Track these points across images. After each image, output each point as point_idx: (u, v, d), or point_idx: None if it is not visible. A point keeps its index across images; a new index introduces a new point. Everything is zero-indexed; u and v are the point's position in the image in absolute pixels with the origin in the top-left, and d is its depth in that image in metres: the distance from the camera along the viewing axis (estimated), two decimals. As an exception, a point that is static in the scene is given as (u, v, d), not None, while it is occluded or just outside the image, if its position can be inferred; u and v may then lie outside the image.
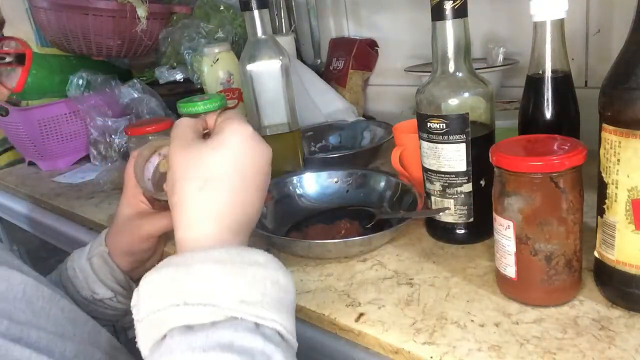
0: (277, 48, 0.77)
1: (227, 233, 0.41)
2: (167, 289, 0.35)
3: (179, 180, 0.42)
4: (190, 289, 0.34)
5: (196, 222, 0.40)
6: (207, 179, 0.41)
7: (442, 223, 0.60)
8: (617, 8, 0.79)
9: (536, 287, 0.46)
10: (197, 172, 0.41)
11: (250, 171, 0.43)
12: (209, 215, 0.40)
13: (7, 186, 1.08)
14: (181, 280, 0.35)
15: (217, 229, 0.40)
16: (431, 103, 0.56)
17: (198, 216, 0.41)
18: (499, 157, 0.45)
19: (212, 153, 0.42)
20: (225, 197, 0.41)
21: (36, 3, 1.03)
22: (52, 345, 0.42)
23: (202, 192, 0.41)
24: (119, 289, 0.61)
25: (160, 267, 0.36)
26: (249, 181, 0.42)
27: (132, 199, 0.61)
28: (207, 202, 0.41)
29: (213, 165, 0.41)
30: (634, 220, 0.41)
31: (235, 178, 0.42)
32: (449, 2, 0.52)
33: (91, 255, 0.61)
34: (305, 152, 0.94)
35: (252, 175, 0.43)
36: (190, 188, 0.41)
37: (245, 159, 0.42)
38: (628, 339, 0.41)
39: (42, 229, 0.97)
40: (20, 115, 1.07)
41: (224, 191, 0.41)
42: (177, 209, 0.41)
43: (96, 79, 1.08)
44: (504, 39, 0.93)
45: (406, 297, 0.51)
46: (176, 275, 0.35)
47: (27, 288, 0.46)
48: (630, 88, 0.39)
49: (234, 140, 0.42)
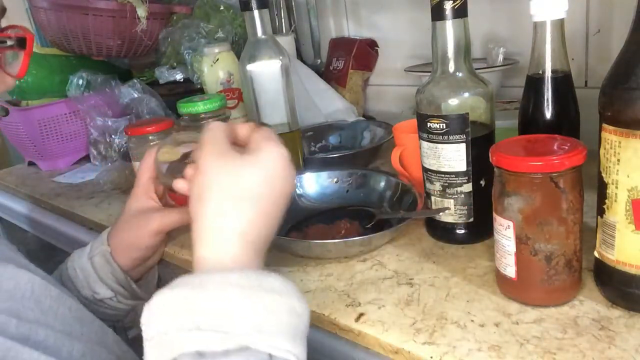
0: (277, 48, 0.77)
1: (247, 255, 0.39)
2: (179, 309, 0.34)
3: (210, 190, 0.40)
4: (204, 312, 0.33)
5: (219, 241, 0.39)
6: (241, 196, 0.40)
7: (442, 223, 0.59)
8: (617, 8, 0.79)
9: (536, 287, 0.46)
10: (231, 186, 0.40)
11: (279, 195, 0.42)
12: (233, 235, 0.39)
13: (7, 186, 1.08)
14: (195, 303, 0.34)
15: (238, 250, 0.39)
16: (431, 103, 0.56)
17: (222, 234, 0.39)
18: (499, 157, 0.45)
19: (250, 171, 0.41)
20: (253, 218, 0.40)
21: (36, 3, 1.03)
22: (60, 344, 0.43)
23: (232, 209, 0.39)
24: (119, 288, 0.61)
25: (174, 285, 0.35)
26: (275, 205, 0.42)
27: (143, 194, 0.61)
28: (235, 221, 0.39)
29: (249, 183, 0.40)
30: (634, 220, 0.41)
31: (266, 200, 0.41)
32: (449, 2, 0.52)
33: (92, 254, 0.61)
34: (305, 152, 0.94)
35: (279, 198, 0.42)
36: (221, 202, 0.39)
37: (277, 183, 0.42)
38: (628, 339, 0.41)
39: (42, 229, 0.97)
40: (20, 115, 1.07)
41: (253, 212, 0.40)
42: (201, 221, 0.40)
43: (96, 79, 1.08)
44: (504, 39, 0.93)
45: (406, 297, 0.51)
46: (190, 296, 0.34)
47: (35, 287, 0.47)
48: (630, 88, 0.39)
49: (272, 162, 0.41)
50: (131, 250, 0.60)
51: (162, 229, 0.60)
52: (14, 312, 0.42)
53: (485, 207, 0.51)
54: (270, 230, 0.42)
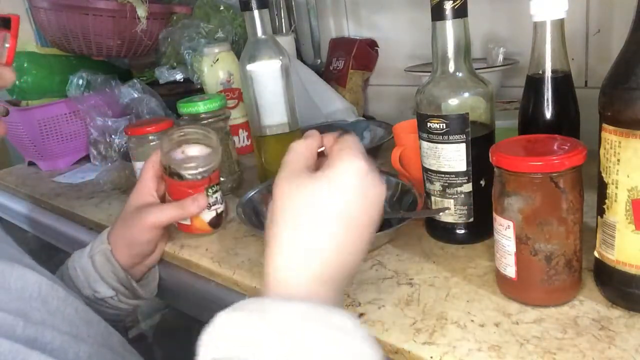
0: (277, 48, 0.77)
1: (317, 283, 0.35)
2: (238, 335, 0.31)
3: (278, 214, 0.37)
4: (261, 345, 0.30)
5: (286, 265, 0.36)
6: (307, 220, 0.36)
7: (442, 223, 0.59)
8: (617, 8, 0.79)
9: (536, 287, 0.46)
10: (297, 210, 0.37)
11: (358, 218, 0.37)
12: (300, 260, 0.36)
13: (7, 186, 1.08)
14: (255, 329, 0.31)
15: (306, 276, 0.35)
16: (431, 103, 0.56)
17: (289, 259, 0.36)
18: (499, 157, 0.45)
19: (317, 191, 0.37)
20: (324, 244, 0.36)
21: (36, 3, 1.03)
22: (67, 346, 0.43)
23: (298, 234, 0.36)
24: (120, 287, 0.61)
25: (236, 308, 0.32)
26: (354, 229, 0.37)
27: (144, 190, 0.63)
28: (302, 246, 0.36)
29: (316, 205, 0.36)
30: (634, 220, 0.41)
31: (338, 224, 0.36)
32: (449, 2, 0.52)
33: (93, 253, 0.61)
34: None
35: (358, 222, 0.37)
36: (287, 226, 0.37)
37: (353, 204, 0.37)
38: (628, 339, 0.41)
39: (42, 229, 0.97)
40: (20, 115, 1.07)
41: (323, 236, 0.36)
42: (271, 244, 0.37)
43: (96, 79, 1.08)
44: (504, 39, 0.93)
45: (406, 297, 0.51)
46: (252, 323, 0.31)
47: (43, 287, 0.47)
48: (630, 88, 0.39)
49: (344, 179, 0.37)
50: (130, 246, 0.61)
51: (157, 223, 0.61)
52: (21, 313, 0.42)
53: (485, 207, 0.51)
54: (348, 258, 0.37)
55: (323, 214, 0.36)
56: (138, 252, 0.62)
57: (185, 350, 0.35)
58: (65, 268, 0.63)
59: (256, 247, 0.65)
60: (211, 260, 0.63)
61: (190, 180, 0.62)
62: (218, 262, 0.63)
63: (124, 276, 0.61)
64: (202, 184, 0.63)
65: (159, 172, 0.64)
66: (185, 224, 0.66)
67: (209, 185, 0.63)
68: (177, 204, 0.62)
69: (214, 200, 0.65)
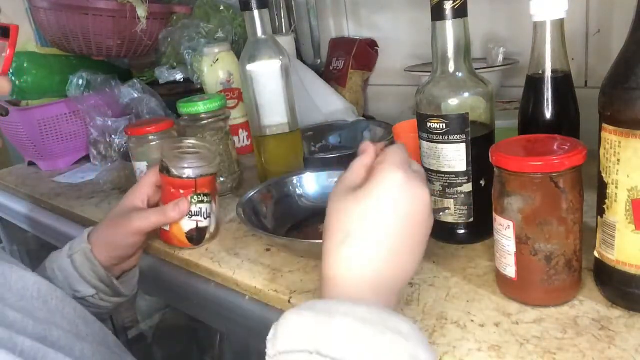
0: (277, 48, 0.77)
1: (371, 292, 0.37)
2: (304, 332, 0.33)
3: (332, 229, 0.39)
4: (326, 339, 0.32)
5: (334, 276, 0.38)
6: (347, 234, 0.38)
7: (442, 223, 0.59)
8: (617, 8, 0.79)
9: (536, 287, 0.46)
10: (339, 225, 0.39)
11: (400, 225, 0.38)
12: (347, 272, 0.38)
13: (7, 186, 1.08)
14: (320, 330, 0.33)
15: (362, 287, 0.37)
16: (431, 103, 0.56)
17: (337, 270, 0.38)
18: (499, 157, 0.45)
19: (354, 205, 0.39)
20: (375, 255, 0.37)
21: (36, 3, 1.03)
22: (72, 344, 0.43)
23: (342, 247, 0.38)
24: (100, 285, 0.61)
25: (302, 308, 0.34)
26: (399, 237, 0.38)
27: (136, 194, 0.64)
28: (347, 259, 0.38)
29: (353, 219, 0.38)
30: (634, 220, 0.41)
31: (380, 233, 0.38)
32: (449, 2, 0.52)
33: (72, 252, 0.61)
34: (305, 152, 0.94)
35: (402, 230, 0.38)
36: (332, 241, 0.39)
37: (391, 213, 0.38)
38: (628, 339, 0.41)
39: (42, 229, 0.97)
40: (20, 115, 1.07)
41: (366, 248, 0.37)
42: (325, 253, 0.39)
43: (96, 79, 1.08)
44: (504, 39, 0.93)
45: (406, 297, 0.51)
46: (316, 322, 0.33)
47: (42, 287, 0.47)
48: (630, 88, 0.39)
49: (379, 191, 0.38)
50: (110, 247, 0.61)
51: (140, 230, 0.61)
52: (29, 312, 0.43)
53: (485, 207, 0.51)
54: (397, 266, 0.38)
55: (359, 228, 0.38)
56: (118, 254, 0.62)
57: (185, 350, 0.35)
58: (42, 269, 0.63)
59: (256, 247, 0.65)
60: (211, 260, 0.63)
61: (176, 178, 0.62)
62: (218, 262, 0.63)
63: (104, 274, 0.61)
64: (188, 187, 0.62)
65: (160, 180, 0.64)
66: (164, 230, 0.65)
67: (195, 191, 0.63)
68: (159, 209, 0.62)
69: (197, 209, 0.63)
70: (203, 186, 0.63)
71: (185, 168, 0.62)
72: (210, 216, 0.66)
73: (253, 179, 0.88)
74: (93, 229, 0.64)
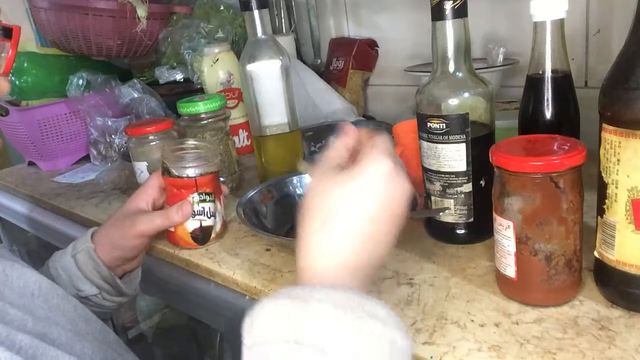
0: (277, 48, 0.77)
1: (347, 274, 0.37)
2: (280, 321, 0.33)
3: (305, 212, 0.40)
4: (304, 328, 0.32)
5: (314, 258, 0.38)
6: (326, 219, 0.38)
7: (442, 223, 0.59)
8: (617, 8, 0.79)
9: (536, 287, 0.46)
10: (320, 207, 0.39)
11: (383, 216, 0.39)
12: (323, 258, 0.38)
13: (7, 186, 1.08)
14: (297, 317, 0.33)
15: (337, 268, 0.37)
16: (431, 103, 0.56)
17: (316, 253, 0.38)
18: (499, 157, 0.45)
19: (337, 187, 0.39)
20: (352, 239, 0.38)
21: (36, 3, 1.03)
22: (72, 342, 0.43)
23: (320, 234, 0.38)
24: (103, 284, 0.61)
25: (277, 297, 0.34)
26: (379, 225, 0.39)
27: (142, 196, 0.64)
28: (326, 242, 0.38)
29: (335, 202, 0.38)
30: (634, 220, 0.41)
31: (364, 221, 0.38)
32: (449, 2, 0.52)
33: (75, 252, 0.61)
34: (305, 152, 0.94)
35: (383, 220, 0.39)
36: (311, 223, 0.39)
37: (379, 203, 0.38)
38: (628, 339, 0.41)
39: (42, 229, 0.97)
40: (20, 115, 1.07)
41: (345, 235, 0.38)
42: (301, 241, 0.39)
43: (96, 79, 1.08)
44: (504, 39, 0.93)
45: (406, 297, 0.51)
46: (293, 310, 0.33)
47: (43, 285, 0.47)
48: (630, 88, 0.39)
49: (371, 180, 0.38)
50: (114, 248, 0.61)
51: (144, 233, 0.61)
52: (28, 310, 0.43)
53: (485, 207, 0.51)
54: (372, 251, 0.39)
55: (352, 212, 0.38)
56: (120, 255, 0.62)
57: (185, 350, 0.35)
58: (45, 269, 0.63)
59: (256, 247, 0.65)
60: (211, 260, 0.63)
61: (177, 178, 0.62)
62: (218, 262, 0.63)
63: (108, 274, 0.61)
64: (189, 187, 0.62)
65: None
66: (170, 232, 0.65)
67: (196, 190, 0.63)
68: (163, 212, 0.63)
69: (199, 209, 0.64)
70: (204, 185, 0.63)
71: (184, 168, 0.62)
72: (215, 215, 0.66)
73: (253, 179, 0.88)
74: (97, 229, 0.64)
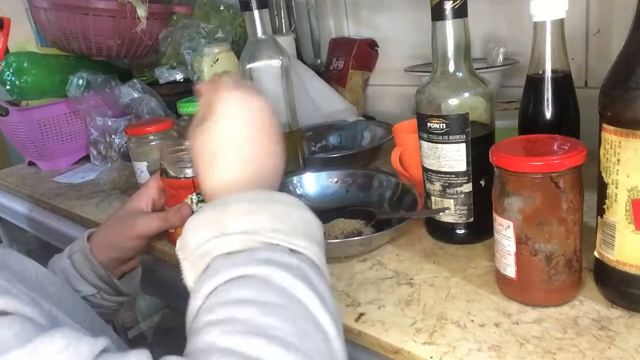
0: (277, 48, 0.77)
1: (249, 187, 0.43)
2: (208, 225, 0.37)
3: (196, 163, 0.45)
4: (228, 223, 0.37)
5: (217, 189, 0.43)
6: (213, 155, 0.44)
7: (442, 223, 0.59)
8: (617, 8, 0.79)
9: (536, 287, 0.46)
10: (203, 154, 0.44)
11: (248, 134, 0.44)
12: (225, 185, 0.43)
13: (7, 186, 1.08)
14: (220, 217, 0.38)
15: (238, 188, 0.43)
16: (431, 103, 0.56)
17: (219, 188, 0.43)
18: (499, 157, 0.45)
19: (206, 134, 0.44)
20: (236, 165, 0.44)
21: (36, 3, 1.03)
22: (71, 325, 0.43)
23: (214, 166, 0.44)
24: (101, 284, 0.61)
25: (199, 211, 0.39)
26: (250, 143, 0.44)
27: (142, 197, 0.64)
28: (221, 175, 0.43)
29: (211, 145, 0.44)
30: (634, 220, 0.41)
31: (232, 148, 0.44)
32: (449, 2, 0.52)
33: (72, 252, 0.61)
34: (305, 152, 0.94)
35: (250, 137, 0.44)
36: (204, 167, 0.44)
37: (236, 128, 0.44)
38: (628, 339, 0.41)
39: (42, 229, 0.97)
40: (20, 115, 1.07)
41: (232, 161, 0.44)
42: (204, 184, 0.45)
43: (96, 79, 1.08)
44: (504, 39, 0.93)
45: (406, 297, 0.51)
46: (215, 214, 0.38)
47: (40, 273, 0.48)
48: (630, 88, 0.39)
49: (220, 115, 0.44)
50: (111, 249, 0.61)
51: (143, 234, 0.62)
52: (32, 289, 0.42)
53: (485, 207, 0.51)
54: (264, 163, 0.45)
55: (225, 145, 0.44)
56: (118, 256, 0.62)
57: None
58: None
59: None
60: (211, 260, 0.63)
61: (174, 178, 0.62)
62: (218, 262, 0.63)
63: (104, 273, 0.61)
64: (188, 188, 0.62)
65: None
66: (171, 232, 0.65)
67: (194, 191, 0.63)
68: (162, 214, 0.63)
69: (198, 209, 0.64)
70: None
71: (182, 168, 0.62)
72: None
73: (253, 179, 0.88)
74: (94, 230, 0.64)
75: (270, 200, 0.39)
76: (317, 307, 0.33)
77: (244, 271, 0.34)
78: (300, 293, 0.33)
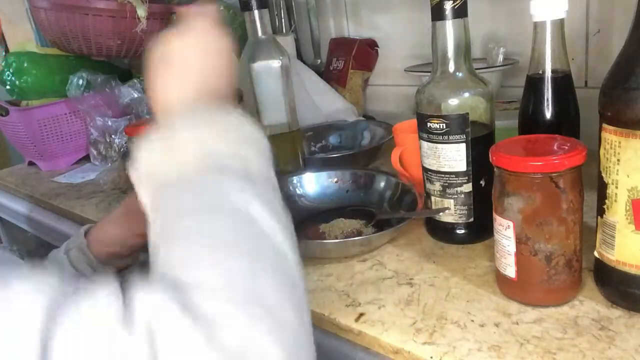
0: (277, 48, 0.77)
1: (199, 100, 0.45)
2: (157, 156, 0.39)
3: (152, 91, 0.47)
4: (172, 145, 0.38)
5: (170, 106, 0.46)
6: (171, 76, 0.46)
7: (442, 223, 0.59)
8: (617, 8, 0.79)
9: (536, 287, 0.46)
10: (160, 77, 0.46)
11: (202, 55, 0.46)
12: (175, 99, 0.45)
13: (7, 186, 1.08)
14: (172, 133, 0.39)
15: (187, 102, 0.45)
16: (431, 103, 0.56)
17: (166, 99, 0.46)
18: (498, 157, 0.45)
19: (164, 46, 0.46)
20: (185, 83, 0.46)
21: (36, 3, 1.03)
22: None
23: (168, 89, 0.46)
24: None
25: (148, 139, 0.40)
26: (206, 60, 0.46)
27: None
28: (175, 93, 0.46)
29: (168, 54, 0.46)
30: (634, 220, 0.41)
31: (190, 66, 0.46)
32: (449, 2, 0.52)
33: (68, 248, 0.61)
34: (305, 152, 0.94)
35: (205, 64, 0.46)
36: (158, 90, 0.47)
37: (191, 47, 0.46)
38: (628, 339, 0.41)
39: (42, 229, 0.97)
40: (20, 115, 1.07)
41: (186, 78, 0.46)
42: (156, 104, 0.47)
43: (96, 79, 1.08)
44: (504, 39, 0.93)
45: (406, 297, 0.51)
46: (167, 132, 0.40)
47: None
48: (630, 88, 0.39)
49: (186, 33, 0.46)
50: (109, 244, 0.61)
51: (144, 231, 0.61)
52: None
53: (485, 207, 0.51)
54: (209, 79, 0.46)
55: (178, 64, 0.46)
56: (115, 252, 0.62)
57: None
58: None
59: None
60: (211, 260, 0.63)
61: None
62: (218, 262, 0.63)
63: (101, 269, 0.61)
64: None
65: None
66: None
67: None
68: None
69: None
70: None
71: None
72: None
73: (253, 179, 0.88)
74: (91, 226, 0.64)
75: (217, 114, 0.41)
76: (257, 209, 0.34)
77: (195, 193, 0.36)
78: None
